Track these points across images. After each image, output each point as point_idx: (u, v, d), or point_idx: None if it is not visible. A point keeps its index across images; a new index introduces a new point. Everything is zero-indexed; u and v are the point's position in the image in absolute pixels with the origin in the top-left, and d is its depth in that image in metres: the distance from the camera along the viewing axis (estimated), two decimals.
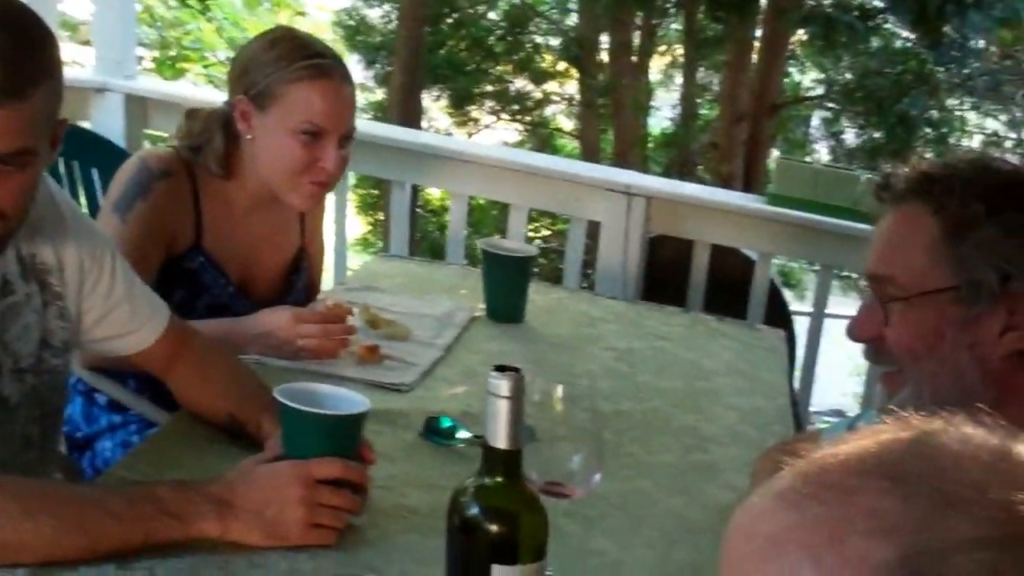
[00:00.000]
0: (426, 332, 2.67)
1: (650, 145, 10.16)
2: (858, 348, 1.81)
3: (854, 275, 8.88)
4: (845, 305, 6.25)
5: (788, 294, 5.55)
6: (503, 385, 1.29)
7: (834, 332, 4.08)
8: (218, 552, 1.68)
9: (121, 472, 1.95)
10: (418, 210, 8.69)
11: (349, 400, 1.80)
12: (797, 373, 3.94)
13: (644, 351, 2.84)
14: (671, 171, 9.28)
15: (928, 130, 8.74)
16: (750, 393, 2.69)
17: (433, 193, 9.60)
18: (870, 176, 4.54)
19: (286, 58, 2.42)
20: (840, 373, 7.18)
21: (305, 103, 2.40)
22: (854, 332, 1.75)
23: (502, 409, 1.30)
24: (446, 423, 2.18)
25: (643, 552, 1.89)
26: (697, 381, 2.70)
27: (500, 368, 1.31)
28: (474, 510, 1.33)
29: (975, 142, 9.86)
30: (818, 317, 4.19)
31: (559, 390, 1.69)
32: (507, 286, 2.84)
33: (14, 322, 1.85)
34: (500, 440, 1.32)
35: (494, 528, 1.32)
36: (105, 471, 2.18)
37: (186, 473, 1.86)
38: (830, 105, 9.40)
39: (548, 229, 9.31)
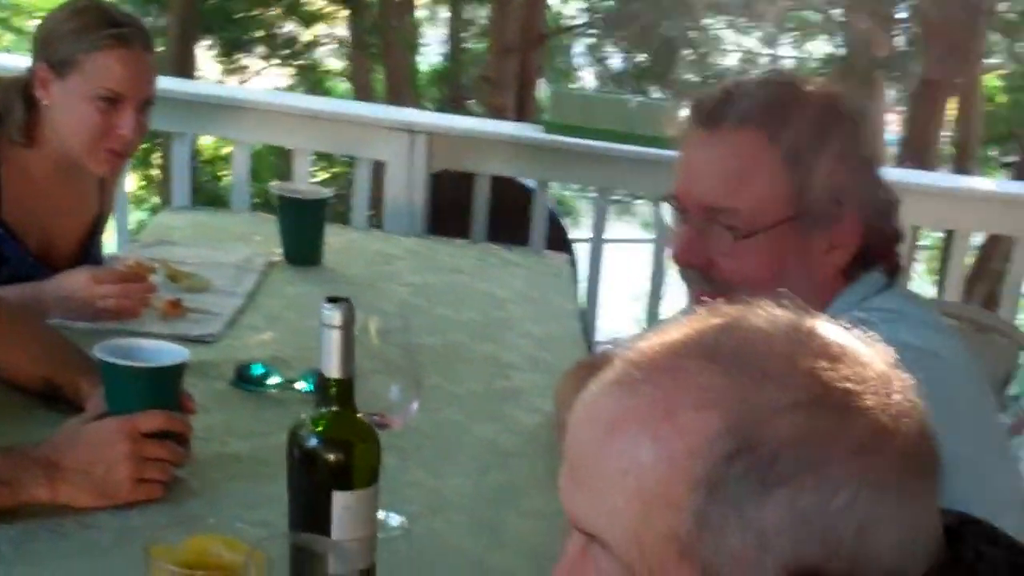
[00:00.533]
0: (225, 281, 2.67)
1: (422, 82, 10.18)
2: (638, 273, 1.89)
3: (627, 199, 9.12)
4: (619, 229, 6.40)
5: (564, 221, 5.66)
6: (335, 315, 1.33)
7: (611, 257, 4.23)
8: (49, 516, 1.67)
9: None
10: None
11: (167, 352, 1.81)
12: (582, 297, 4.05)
13: (439, 285, 2.89)
14: (443, 107, 9.34)
15: (689, 51, 8.99)
16: (543, 319, 2.77)
17: (204, 142, 9.43)
18: (641, 100, 4.69)
19: (88, 28, 2.39)
20: (618, 297, 7.35)
21: (104, 70, 2.38)
22: (683, 260, 1.73)
23: (335, 339, 1.34)
24: (257, 370, 2.19)
25: (458, 479, 1.95)
26: (492, 311, 2.77)
27: (332, 299, 1.33)
28: (312, 441, 1.36)
29: (732, 60, 10.15)
30: (598, 241, 4.29)
31: (374, 324, 1.72)
32: (303, 229, 2.86)
33: None
34: (334, 370, 1.36)
35: (332, 457, 1.35)
36: None
37: (7, 442, 1.83)
38: (594, 32, 9.57)
39: (325, 172, 9.24)
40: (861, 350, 0.95)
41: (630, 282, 5.14)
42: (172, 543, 1.45)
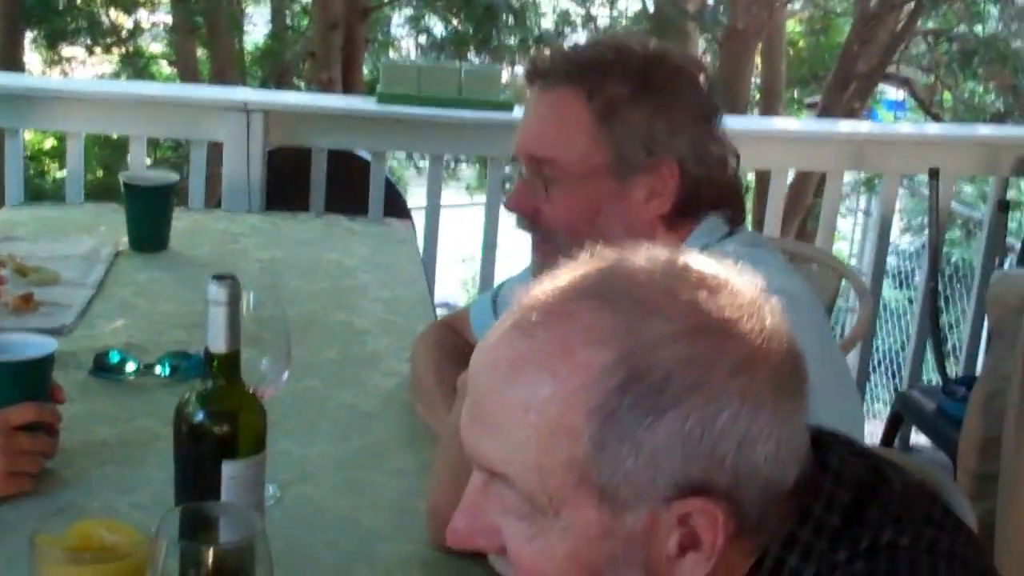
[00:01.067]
0: (74, 273, 2.62)
1: (247, 62, 10.03)
2: (464, 236, 1.93)
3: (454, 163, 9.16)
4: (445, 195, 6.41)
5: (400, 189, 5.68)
6: (222, 292, 1.33)
7: (442, 222, 4.25)
8: None
9: None
10: None
11: (34, 344, 1.78)
12: None
13: (287, 258, 2.88)
14: (267, 85, 9.24)
15: (510, 16, 9.03)
16: (391, 284, 2.79)
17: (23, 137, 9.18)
18: (468, 66, 4.71)
19: None
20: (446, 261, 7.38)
21: None
22: (511, 206, 1.84)
23: (221, 315, 1.34)
24: (114, 357, 2.16)
25: (324, 445, 1.97)
26: (342, 279, 2.77)
27: (217, 277, 1.34)
28: (200, 415, 1.37)
29: (550, 22, 10.22)
30: (434, 206, 4.32)
31: (249, 298, 1.72)
32: (151, 215, 2.82)
33: None
34: (220, 344, 1.36)
35: (221, 428, 1.37)
36: None
37: None
38: (414, 2, 9.56)
39: (149, 156, 9.05)
40: (734, 279, 1.03)
41: (457, 245, 5.18)
42: (54, 532, 1.44)
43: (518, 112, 4.18)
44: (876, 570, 1.00)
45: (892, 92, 11.64)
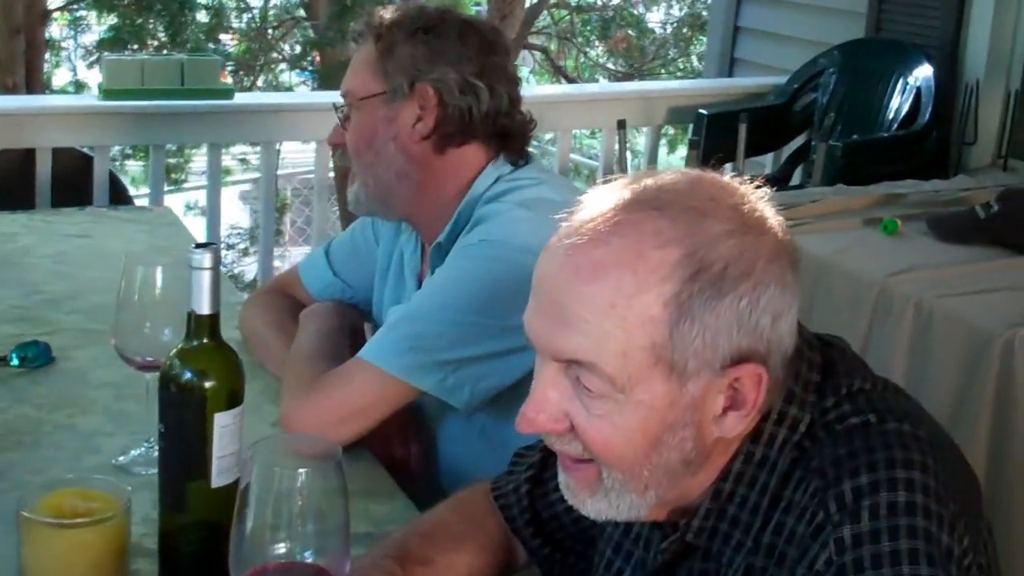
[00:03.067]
0: None
1: None
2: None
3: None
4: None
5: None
6: (206, 258, 1.35)
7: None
8: None
9: None
10: None
11: None
12: None
13: (74, 251, 2.80)
14: None
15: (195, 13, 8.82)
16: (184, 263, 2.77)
17: None
18: (189, 58, 4.64)
19: None
20: None
21: None
22: (328, 141, 2.10)
23: (205, 279, 1.36)
24: None
25: None
26: (137, 267, 2.72)
27: (200, 245, 1.37)
28: (188, 374, 1.38)
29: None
30: (157, 192, 4.26)
31: (158, 273, 1.73)
32: None
33: None
34: (204, 307, 1.37)
35: (208, 384, 1.38)
36: None
37: None
38: (80, 7, 9.17)
39: None
40: (743, 187, 1.19)
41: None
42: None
43: (239, 99, 4.20)
44: (861, 408, 1.19)
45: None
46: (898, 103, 4.63)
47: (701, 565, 1.25)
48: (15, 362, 2.10)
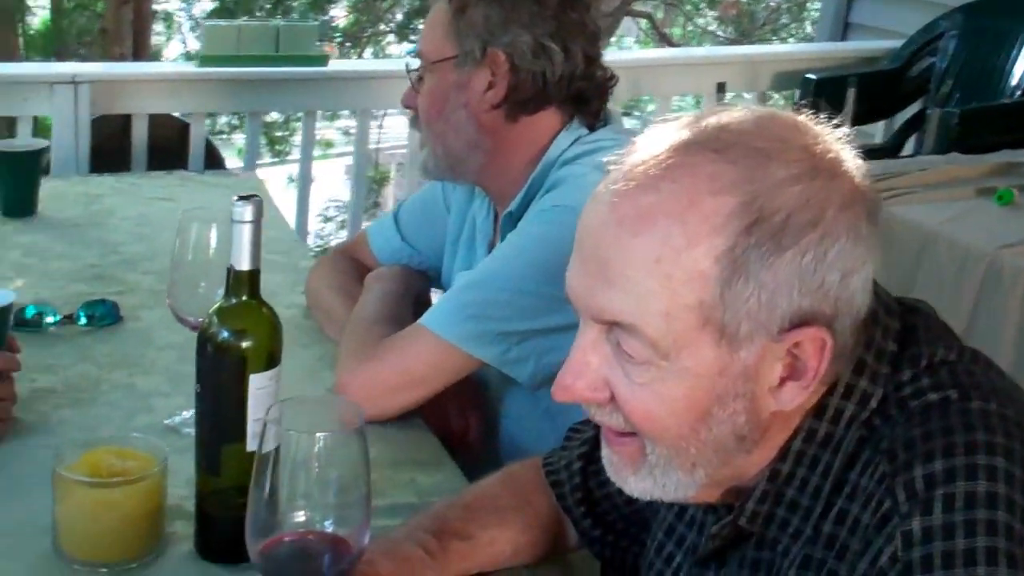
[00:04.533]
0: None
1: (32, 42, 9.53)
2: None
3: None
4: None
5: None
6: (247, 211, 1.30)
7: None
8: None
9: None
10: None
11: None
12: None
13: (157, 213, 2.80)
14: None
15: None
16: (264, 227, 2.76)
17: None
18: (285, 23, 4.64)
19: None
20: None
21: None
22: (401, 103, 2.00)
23: (246, 233, 1.31)
24: (31, 311, 2.09)
25: None
26: (217, 229, 2.72)
27: (242, 197, 1.32)
28: (225, 333, 1.34)
29: None
30: (252, 160, 4.27)
31: (212, 231, 1.70)
32: (21, 181, 2.70)
33: None
34: (244, 262, 1.33)
35: (246, 344, 1.34)
36: None
37: None
38: None
39: None
40: (820, 127, 1.07)
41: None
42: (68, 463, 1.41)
43: (334, 65, 4.17)
44: (942, 382, 1.06)
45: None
46: (1022, 68, 4.43)
47: (755, 553, 1.14)
48: (83, 320, 2.10)
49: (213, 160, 4.41)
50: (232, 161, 4.67)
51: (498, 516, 1.43)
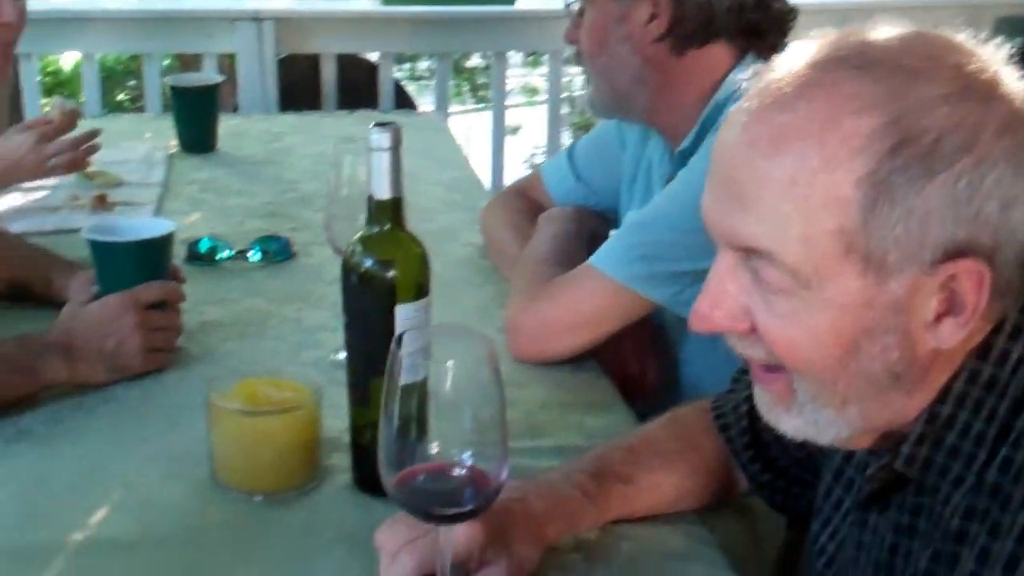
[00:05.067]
0: (136, 175, 2.58)
1: None
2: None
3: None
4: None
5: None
6: (384, 138, 1.28)
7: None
8: (72, 395, 1.62)
9: None
10: None
11: (153, 225, 1.75)
12: None
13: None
14: None
15: None
16: (441, 168, 2.78)
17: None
18: None
19: None
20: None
21: None
22: (564, 39, 1.95)
23: (385, 160, 1.29)
24: (205, 245, 2.14)
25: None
26: None
27: (380, 124, 1.30)
28: (369, 262, 1.32)
29: None
30: (442, 101, 4.27)
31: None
32: (200, 117, 2.77)
33: None
34: (384, 191, 1.31)
35: (390, 273, 1.32)
36: None
37: None
38: None
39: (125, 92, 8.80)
40: (979, 47, 1.00)
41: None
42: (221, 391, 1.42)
43: (521, 4, 4.15)
44: None
45: None
46: None
47: (914, 499, 1.09)
48: (256, 255, 2.14)
49: (404, 102, 4.45)
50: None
51: (662, 460, 1.39)
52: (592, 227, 2.09)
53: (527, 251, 1.98)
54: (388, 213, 1.32)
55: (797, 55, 1.01)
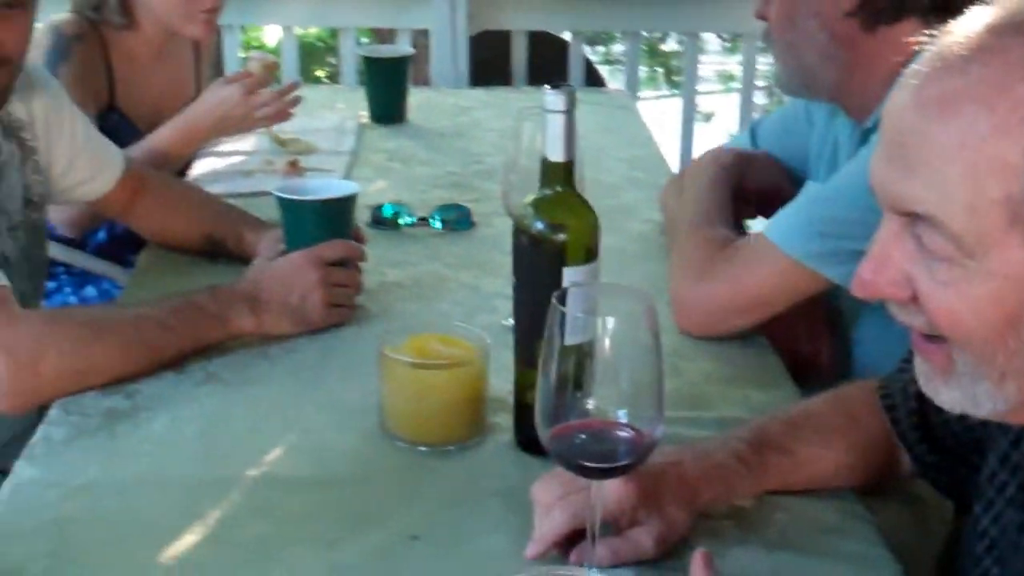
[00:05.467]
0: (327, 143, 2.69)
1: None
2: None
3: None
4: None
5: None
6: (559, 100, 1.32)
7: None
8: (257, 344, 1.73)
9: None
10: None
11: (338, 186, 1.84)
12: None
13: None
14: None
15: None
16: (625, 145, 2.81)
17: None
18: None
19: None
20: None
21: None
22: (754, 14, 1.94)
23: (558, 123, 1.33)
24: (389, 211, 2.23)
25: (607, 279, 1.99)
26: (581, 142, 2.78)
27: (555, 86, 1.34)
28: (539, 224, 1.37)
29: None
30: (632, 81, 4.29)
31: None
32: (390, 87, 2.87)
33: (3, 181, 1.82)
34: (557, 153, 1.35)
35: (560, 236, 1.36)
36: None
37: None
38: None
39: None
40: None
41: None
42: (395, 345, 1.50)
43: None
44: None
45: None
46: None
47: None
48: (437, 223, 2.21)
49: (594, 80, 4.50)
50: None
51: (822, 434, 1.41)
52: (731, 159, 2.09)
53: (679, 215, 1.99)
54: (560, 176, 1.36)
55: (974, 19, 1.00)
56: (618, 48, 9.53)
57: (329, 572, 1.26)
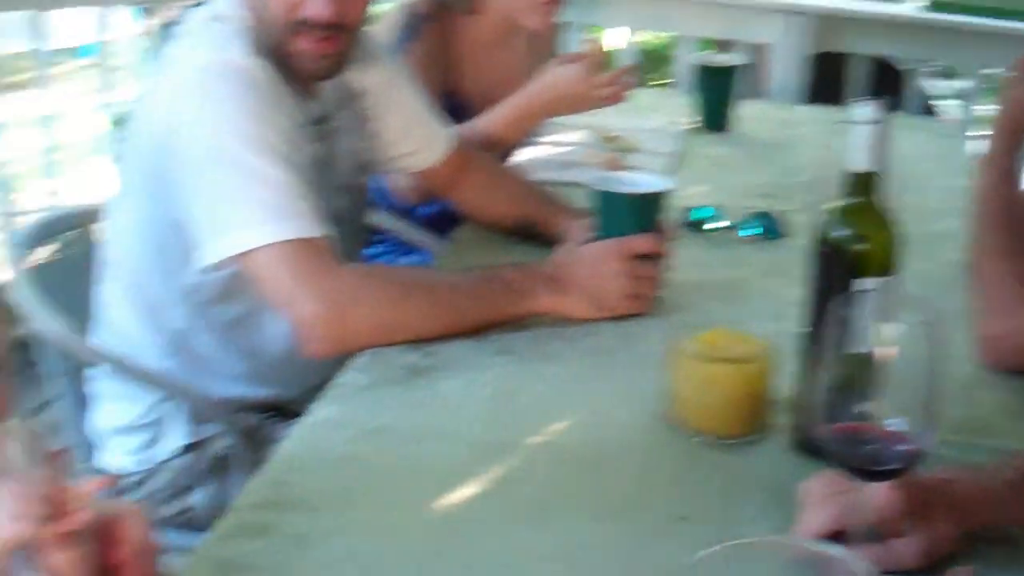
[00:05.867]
0: (649, 144, 2.76)
1: None
2: None
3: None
4: None
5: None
6: (867, 110, 1.34)
7: None
8: (555, 324, 1.81)
9: None
10: None
11: (651, 182, 1.90)
12: None
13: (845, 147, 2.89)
14: None
15: None
16: (954, 175, 2.74)
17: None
18: None
19: None
20: None
21: None
22: None
23: (864, 133, 1.34)
24: (707, 213, 2.28)
25: None
26: (903, 165, 2.73)
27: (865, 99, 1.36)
28: (834, 232, 1.39)
29: None
30: (967, 117, 4.17)
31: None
32: (717, 95, 2.91)
33: (337, 145, 1.97)
34: (861, 162, 1.36)
35: (856, 246, 1.38)
36: None
37: None
38: None
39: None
40: None
41: None
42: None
43: None
44: None
45: None
46: None
47: None
48: (747, 230, 2.25)
49: (928, 111, 4.40)
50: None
51: None
52: None
53: (984, 249, 1.93)
54: (862, 186, 1.37)
55: None
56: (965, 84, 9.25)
57: (592, 540, 1.32)
